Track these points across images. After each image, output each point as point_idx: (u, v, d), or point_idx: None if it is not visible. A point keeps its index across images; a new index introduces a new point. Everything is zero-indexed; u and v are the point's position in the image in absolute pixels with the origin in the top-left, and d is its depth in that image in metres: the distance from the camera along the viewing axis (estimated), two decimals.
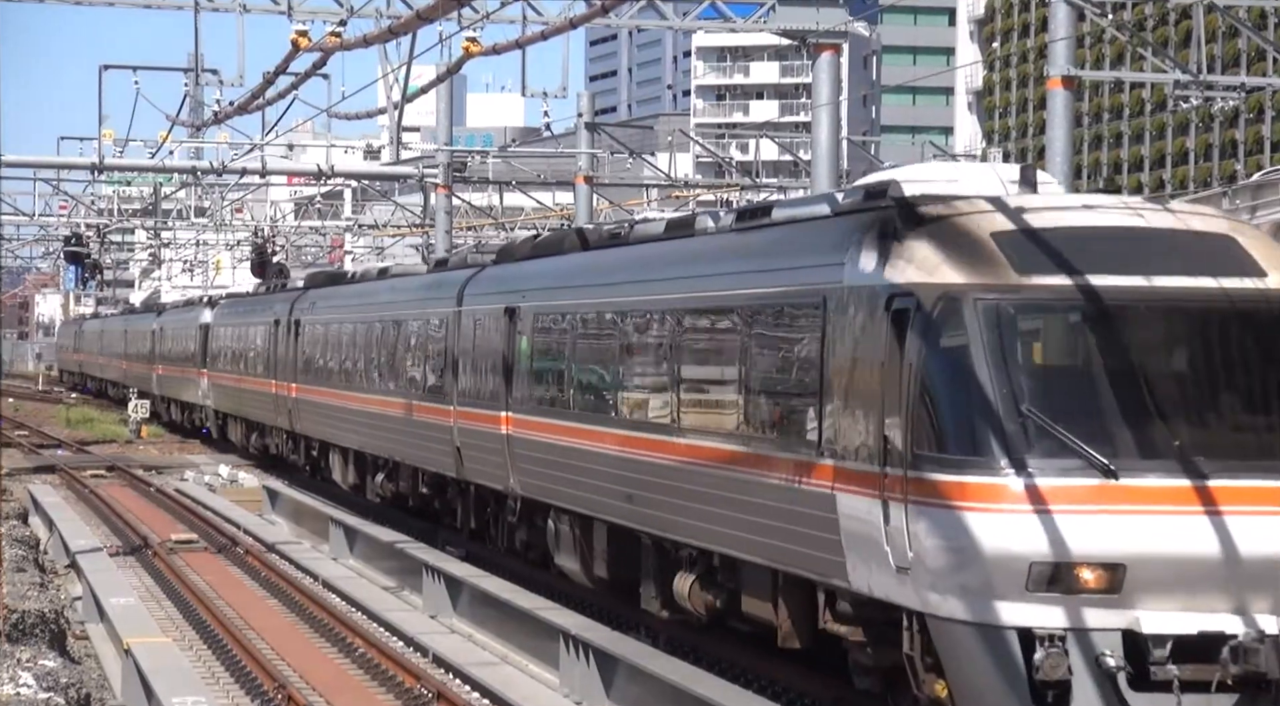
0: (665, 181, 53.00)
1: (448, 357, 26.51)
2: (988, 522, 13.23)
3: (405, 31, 24.43)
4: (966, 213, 14.45)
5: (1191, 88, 30.03)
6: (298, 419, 37.99)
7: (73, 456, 51.38)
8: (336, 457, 35.01)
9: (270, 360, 40.72)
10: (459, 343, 26.05)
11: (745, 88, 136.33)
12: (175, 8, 30.01)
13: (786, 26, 29.30)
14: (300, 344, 37.54)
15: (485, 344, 24.70)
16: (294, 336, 38.03)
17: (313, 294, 38.28)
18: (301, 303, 38.30)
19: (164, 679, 17.86)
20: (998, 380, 13.46)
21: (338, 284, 38.02)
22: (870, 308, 14.42)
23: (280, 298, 42.16)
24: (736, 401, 16.75)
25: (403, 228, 68.19)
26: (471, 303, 25.82)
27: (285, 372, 38.84)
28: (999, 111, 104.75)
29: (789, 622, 16.30)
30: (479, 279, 26.10)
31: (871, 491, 14.23)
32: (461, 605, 23.50)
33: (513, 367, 23.39)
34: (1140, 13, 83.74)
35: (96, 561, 27.33)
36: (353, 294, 35.01)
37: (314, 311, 36.91)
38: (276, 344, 40.01)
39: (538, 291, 22.99)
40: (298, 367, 37.66)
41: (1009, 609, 13.20)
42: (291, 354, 38.21)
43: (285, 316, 39.20)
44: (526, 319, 23.03)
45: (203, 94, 39.95)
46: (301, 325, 37.53)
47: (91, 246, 67.38)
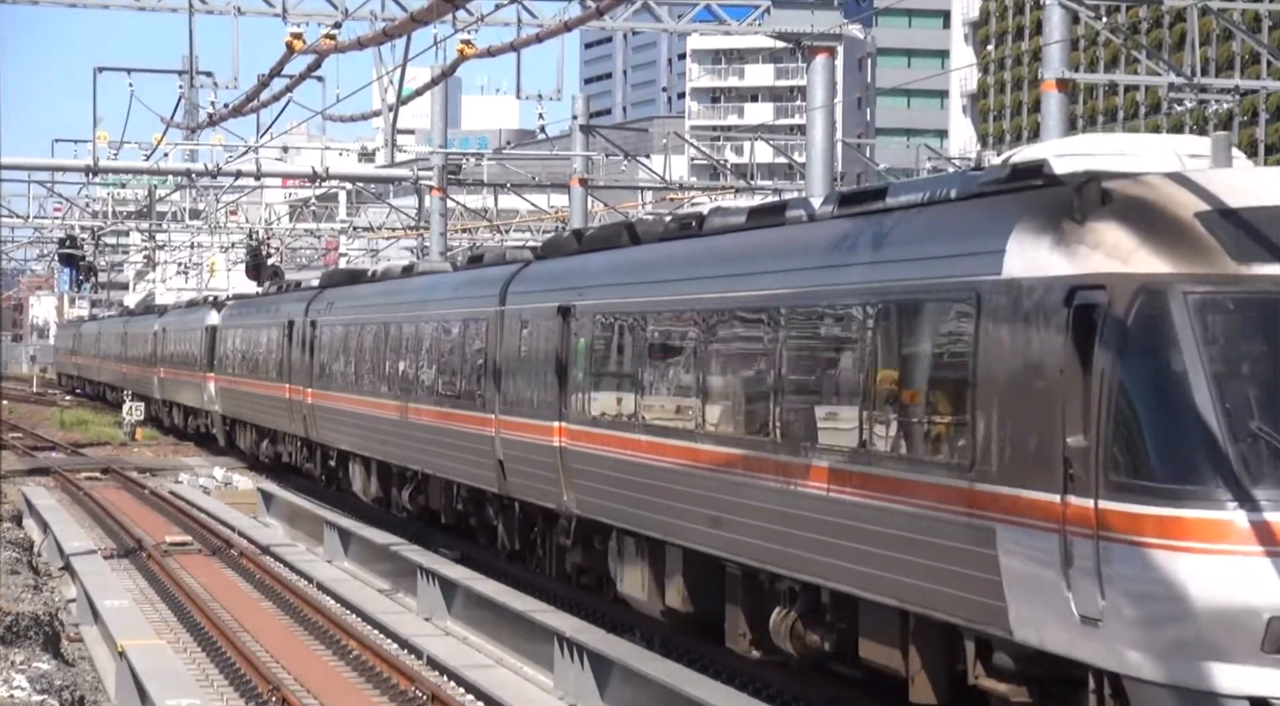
0: (660, 184, 53.00)
1: (488, 361, 24.50)
2: (1211, 567, 11.09)
3: (400, 34, 24.39)
4: (1161, 189, 12.11)
5: (1186, 90, 30.04)
6: (314, 426, 36.06)
7: (67, 459, 51.34)
8: (357, 468, 32.95)
9: (284, 363, 38.80)
10: (502, 345, 23.96)
11: (740, 90, 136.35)
12: (170, 10, 30.00)
13: (781, 29, 29.31)
14: (317, 346, 35.64)
15: (534, 346, 22.53)
16: (310, 338, 36.18)
17: (330, 294, 36.24)
18: (318, 303, 36.37)
19: (158, 681, 17.85)
20: (1219, 391, 11.32)
21: (357, 283, 35.86)
22: (1043, 303, 12.18)
23: (294, 298, 40.07)
24: (853, 413, 14.42)
25: (397, 230, 68.17)
26: (517, 301, 23.64)
27: (300, 376, 37.05)
28: (994, 114, 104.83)
29: (923, 673, 13.99)
30: (524, 276, 23.98)
31: (1047, 524, 12.00)
32: (456, 607, 23.48)
33: (568, 373, 21.19)
34: (1135, 15, 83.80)
35: (91, 564, 27.31)
36: (375, 293, 32.88)
37: (332, 312, 34.86)
38: (291, 346, 38.11)
39: (598, 288, 20.74)
40: (314, 371, 35.74)
41: (1238, 674, 11.05)
42: (307, 357, 36.36)
43: (300, 317, 37.36)
44: (584, 319, 20.79)
45: (197, 96, 39.91)
46: (318, 326, 35.61)
47: (86, 249, 67.38)
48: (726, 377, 16.84)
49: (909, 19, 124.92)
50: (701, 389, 17.31)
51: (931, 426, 13.44)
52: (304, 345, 36.68)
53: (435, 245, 42.24)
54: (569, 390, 21.21)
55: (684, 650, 19.57)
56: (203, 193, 65.82)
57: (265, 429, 42.90)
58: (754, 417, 16.15)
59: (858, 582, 14.33)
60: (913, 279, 13.80)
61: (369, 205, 77.29)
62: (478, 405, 24.87)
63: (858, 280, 14.62)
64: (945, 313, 13.26)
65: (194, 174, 48.79)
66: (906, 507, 13.55)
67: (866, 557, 14.08)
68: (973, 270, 12.97)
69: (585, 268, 21.88)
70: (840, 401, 14.73)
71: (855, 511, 14.25)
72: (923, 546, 13.34)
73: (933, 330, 13.50)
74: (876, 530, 13.94)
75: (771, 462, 15.67)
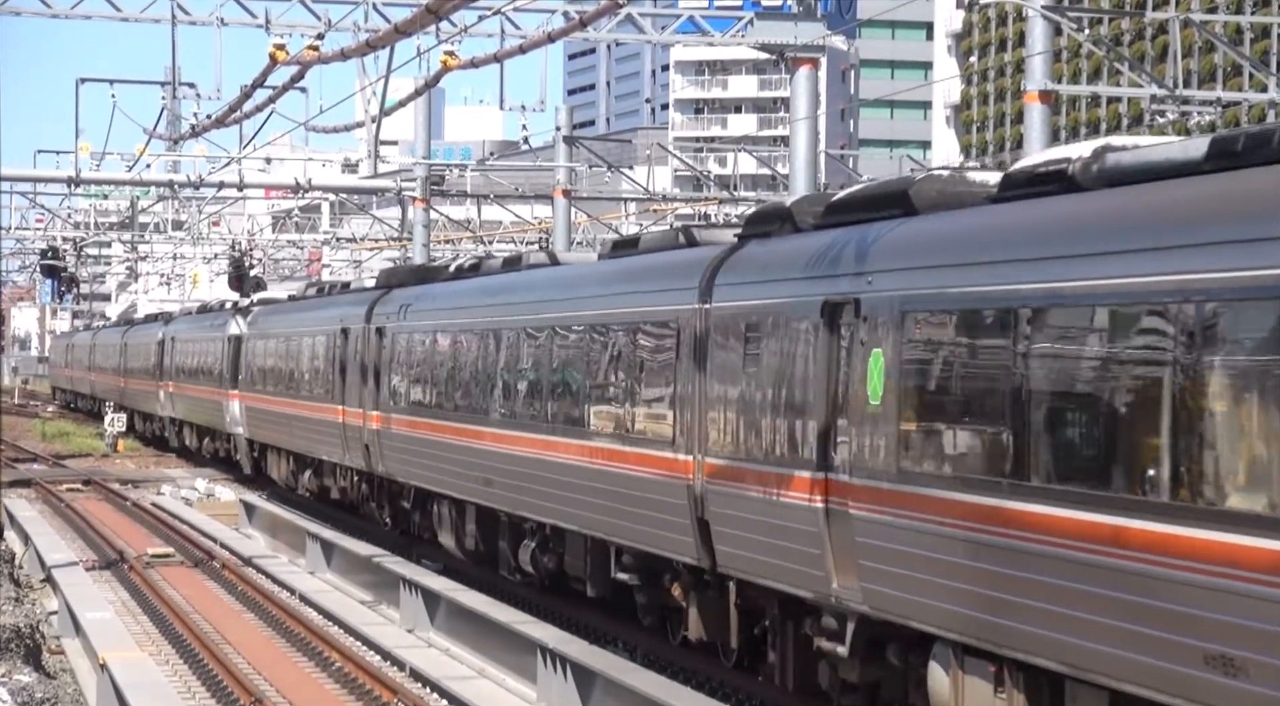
0: (643, 195, 53.03)
1: (678, 381, 17.95)
2: None
3: (383, 45, 24.39)
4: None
5: (1168, 102, 30.13)
6: (380, 457, 29.68)
7: (49, 470, 51.22)
8: (446, 512, 26.82)
9: (336, 380, 32.51)
10: (708, 357, 17.28)
11: (723, 101, 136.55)
12: (152, 21, 30.00)
13: (765, 41, 29.38)
14: (387, 359, 29.18)
15: (770, 361, 15.97)
16: (375, 350, 29.81)
17: (400, 295, 29.71)
18: (384, 306, 30.08)
19: (140, 694, 17.79)
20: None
21: (435, 281, 29.17)
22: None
23: (348, 300, 33.76)
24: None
25: (380, 241, 68.15)
26: (732, 295, 17.08)
27: (360, 396, 30.70)
28: (976, 126, 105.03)
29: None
30: (740, 261, 17.37)
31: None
32: (439, 619, 23.44)
33: (844, 402, 14.69)
34: (1117, 27, 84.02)
35: (72, 575, 27.24)
36: (476, 293, 25.89)
37: (408, 317, 28.35)
38: (347, 359, 31.82)
39: (919, 272, 13.86)
40: (383, 390, 29.32)
41: None
42: (372, 372, 30.02)
43: (360, 324, 30.99)
44: (885, 319, 14.14)
45: (180, 107, 39.95)
46: (388, 335, 29.19)
47: (68, 260, 67.24)
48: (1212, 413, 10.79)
49: (892, 31, 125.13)
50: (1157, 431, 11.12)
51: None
52: (367, 358, 30.37)
53: (418, 256, 42.21)
54: (848, 428, 14.57)
55: (668, 661, 19.55)
56: (185, 204, 65.74)
57: (307, 458, 36.46)
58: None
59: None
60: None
61: (352, 216, 77.23)
62: (660, 443, 18.28)
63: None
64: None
65: (176, 185, 48.74)
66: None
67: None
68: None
69: (875, 243, 14.79)
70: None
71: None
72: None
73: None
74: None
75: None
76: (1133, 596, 11.13)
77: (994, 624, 12.59)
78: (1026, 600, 12.20)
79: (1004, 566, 12.48)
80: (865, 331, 14.44)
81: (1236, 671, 10.34)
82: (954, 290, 13.31)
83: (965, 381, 13.13)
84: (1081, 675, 11.81)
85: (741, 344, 16.71)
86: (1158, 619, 10.91)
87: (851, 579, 14.56)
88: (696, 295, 17.69)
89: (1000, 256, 12.89)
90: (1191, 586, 10.65)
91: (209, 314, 52.07)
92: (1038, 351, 12.20)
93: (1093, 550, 11.49)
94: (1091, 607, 11.49)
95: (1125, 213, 11.88)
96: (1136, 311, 11.26)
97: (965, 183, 14.86)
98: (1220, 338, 10.57)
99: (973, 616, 12.83)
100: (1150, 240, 11.35)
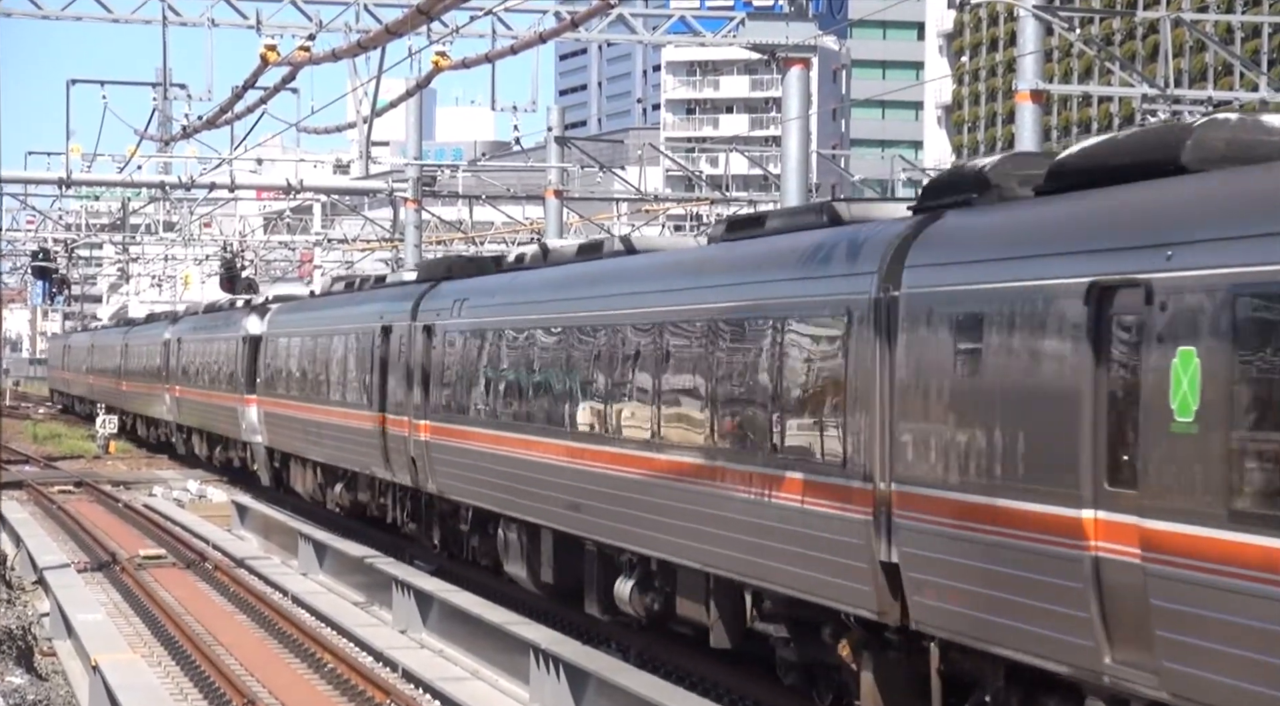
0: (635, 195, 53.04)
1: (850, 388, 14.44)
2: None
3: (374, 46, 24.39)
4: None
5: (1159, 101, 30.18)
6: (431, 473, 26.34)
7: (40, 472, 51.16)
8: (515, 538, 23.22)
9: (374, 383, 29.22)
10: (896, 357, 13.85)
11: (715, 102, 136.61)
12: (143, 22, 29.98)
13: (756, 41, 29.38)
14: (438, 360, 26.08)
15: (997, 360, 12.63)
16: (424, 351, 26.67)
17: (451, 288, 26.70)
18: (434, 301, 26.95)
19: (132, 695, 17.77)
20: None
21: (489, 273, 26.46)
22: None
23: (387, 295, 30.36)
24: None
25: (372, 242, 68.14)
26: (932, 280, 13.58)
27: (404, 402, 27.44)
28: (968, 125, 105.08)
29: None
30: (940, 237, 13.94)
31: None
32: (431, 620, 23.42)
33: (1125, 416, 11.40)
34: (1108, 27, 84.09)
35: (64, 577, 27.20)
36: (551, 285, 22.46)
37: (464, 312, 25.24)
38: (388, 360, 28.59)
39: (1254, 243, 10.57)
40: (432, 395, 26.23)
41: None
42: (419, 375, 26.86)
43: (404, 321, 27.85)
44: (1198, 307, 10.84)
45: (171, 108, 39.88)
46: (437, 333, 26.08)
47: (59, 261, 67.23)
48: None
49: (883, 31, 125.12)
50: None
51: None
52: (413, 360, 27.18)
53: (410, 257, 42.19)
54: (1130, 450, 11.33)
55: (660, 661, 19.54)
56: (176, 205, 65.71)
57: (338, 470, 32.95)
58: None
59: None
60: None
61: (344, 217, 77.24)
62: (834, 466, 14.60)
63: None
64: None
65: (168, 186, 48.76)
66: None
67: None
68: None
69: (1169, 204, 11.67)
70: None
71: None
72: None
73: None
74: None
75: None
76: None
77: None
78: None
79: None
80: (1163, 323, 11.02)
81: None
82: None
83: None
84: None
85: (950, 339, 13.21)
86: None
87: (1138, 653, 11.14)
88: (876, 280, 14.14)
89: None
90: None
91: (221, 312, 48.47)
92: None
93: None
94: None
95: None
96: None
97: (1262, 129, 11.96)
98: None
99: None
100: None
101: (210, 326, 47.46)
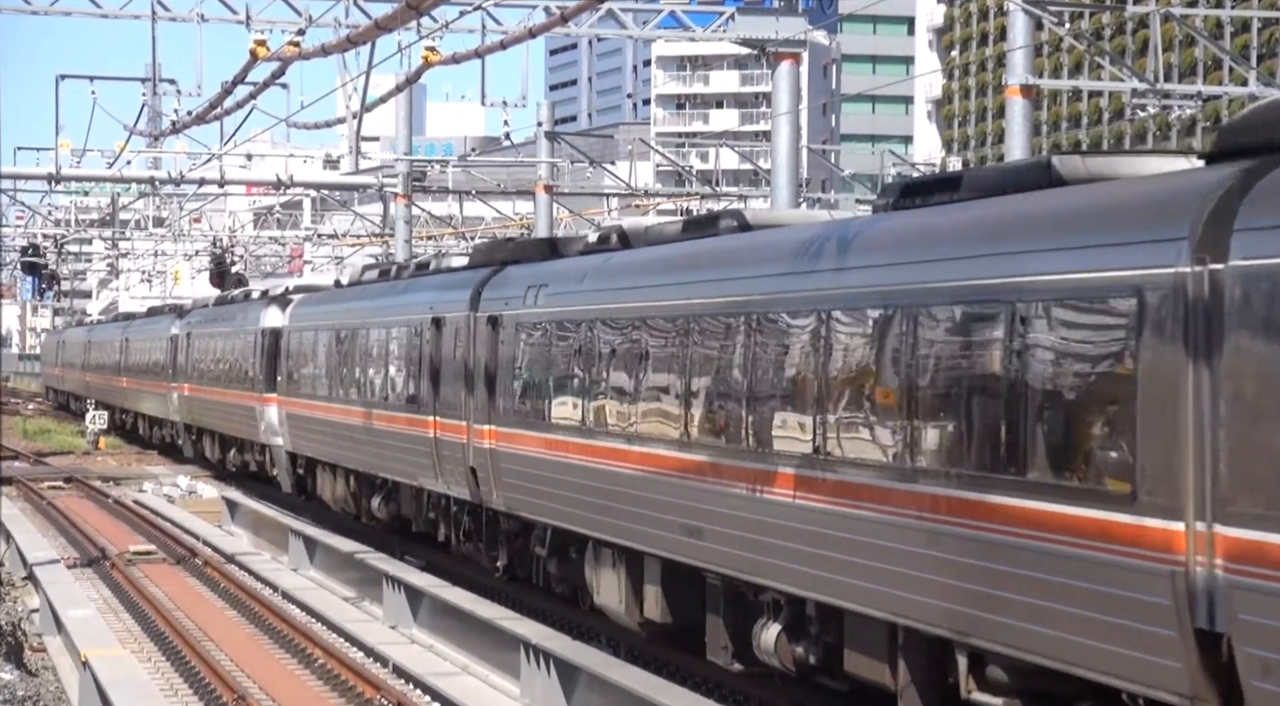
0: (625, 190, 53.02)
1: (1144, 393, 11.05)
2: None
3: (364, 41, 24.36)
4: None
5: (1149, 96, 30.18)
6: (495, 486, 23.05)
7: (30, 468, 51.09)
8: (611, 566, 19.83)
9: (423, 383, 26.09)
10: (1225, 352, 10.46)
11: (705, 97, 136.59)
12: (132, 17, 29.94)
13: (746, 35, 29.37)
14: (506, 357, 22.66)
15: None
16: (488, 345, 23.35)
17: (520, 273, 23.08)
18: (499, 288, 23.51)
19: (122, 691, 17.75)
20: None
21: (575, 254, 22.87)
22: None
23: (438, 283, 26.74)
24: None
25: (362, 237, 68.12)
26: (1276, 247, 10.28)
27: (462, 405, 24.22)
28: (958, 120, 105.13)
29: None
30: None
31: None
32: (422, 615, 23.42)
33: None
34: (1098, 22, 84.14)
35: (54, 573, 27.17)
36: (647, 267, 19.00)
37: (540, 300, 21.65)
38: (440, 357, 25.41)
39: None
40: (498, 398, 22.88)
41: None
42: (481, 374, 23.54)
43: (461, 311, 24.45)
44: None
45: (160, 104, 39.86)
46: (505, 325, 22.72)
47: (48, 257, 67.15)
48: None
49: (874, 25, 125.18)
50: None
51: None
52: (474, 356, 23.93)
53: (400, 252, 42.17)
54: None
55: (651, 657, 19.54)
56: (166, 200, 65.67)
57: (375, 479, 29.77)
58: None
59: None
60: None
61: (334, 212, 77.17)
62: (1119, 499, 11.22)
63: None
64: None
65: (157, 181, 48.68)
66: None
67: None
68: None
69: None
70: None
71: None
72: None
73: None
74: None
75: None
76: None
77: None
78: None
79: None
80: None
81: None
82: None
83: None
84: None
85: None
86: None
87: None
88: (1185, 250, 10.71)
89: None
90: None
91: (234, 305, 44.83)
92: None
93: None
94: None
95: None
96: None
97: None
98: None
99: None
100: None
101: (223, 320, 44.15)
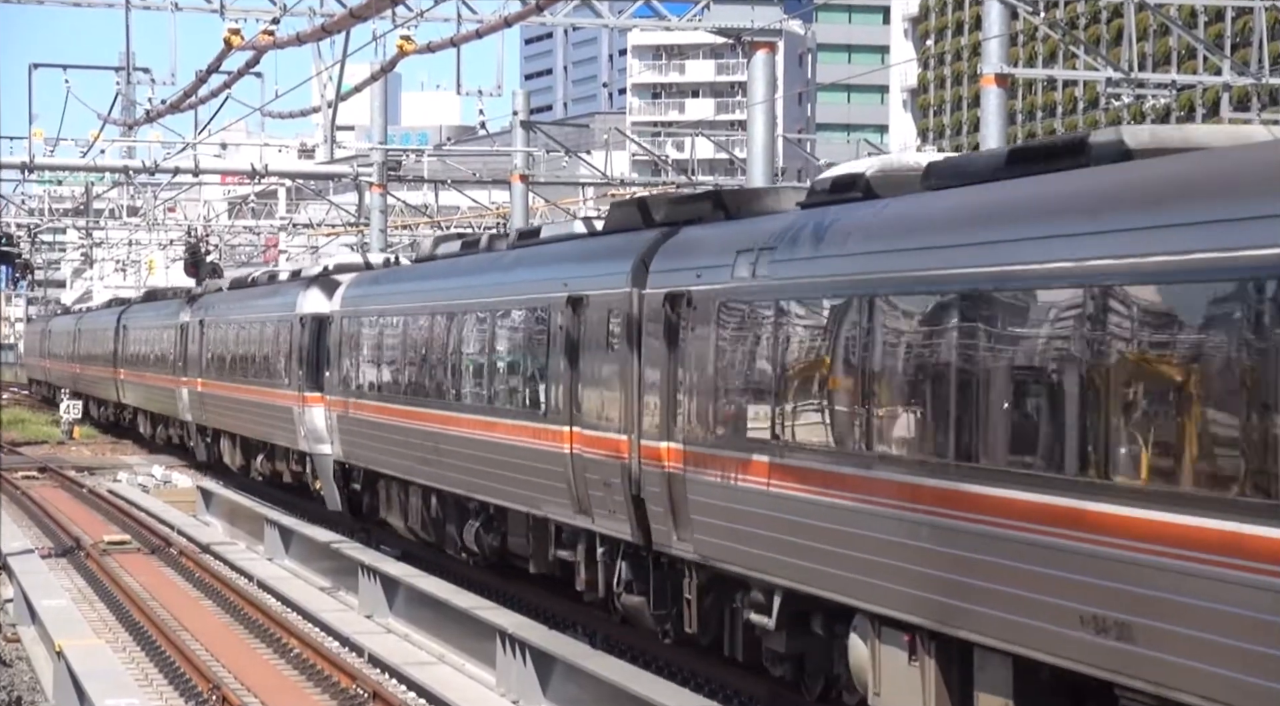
0: (601, 180, 52.98)
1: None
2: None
3: (339, 30, 24.30)
4: None
5: (1124, 85, 30.24)
6: (685, 526, 16.91)
7: (4, 457, 50.96)
8: (932, 664, 13.40)
9: (553, 384, 20.21)
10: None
11: (681, 86, 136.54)
12: (106, 5, 29.84)
13: (721, 25, 29.33)
14: (692, 353, 16.78)
15: None
16: (663, 333, 17.49)
17: (715, 235, 17.32)
18: (677, 257, 17.74)
19: (97, 681, 17.72)
20: None
21: (774, 210, 17.21)
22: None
23: (570, 253, 20.99)
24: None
25: (337, 227, 68.00)
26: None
27: (613, 415, 18.56)
28: (933, 109, 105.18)
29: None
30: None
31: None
32: (398, 605, 23.41)
33: None
34: (1073, 11, 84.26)
35: (28, 563, 27.10)
36: (954, 215, 13.23)
37: (759, 270, 15.75)
38: (580, 348, 19.50)
39: None
40: (684, 405, 16.95)
41: None
42: (660, 375, 17.49)
43: (618, 289, 18.44)
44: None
45: (134, 93, 39.66)
46: (695, 306, 16.93)
47: (22, 246, 66.87)
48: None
49: (849, 14, 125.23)
50: None
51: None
52: (641, 349, 18.03)
53: (375, 241, 42.10)
54: None
55: (627, 646, 19.56)
56: (140, 190, 65.45)
57: (469, 502, 23.85)
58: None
59: None
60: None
61: (309, 202, 77.02)
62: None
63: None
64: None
65: (131, 171, 48.49)
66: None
67: None
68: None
69: None
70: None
71: None
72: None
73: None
74: None
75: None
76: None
77: None
78: None
79: None
80: None
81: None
82: None
83: None
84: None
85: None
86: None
87: None
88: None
89: None
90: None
91: (259, 288, 38.61)
92: None
93: None
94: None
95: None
96: None
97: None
98: None
99: None
100: None
101: (247, 307, 37.71)
